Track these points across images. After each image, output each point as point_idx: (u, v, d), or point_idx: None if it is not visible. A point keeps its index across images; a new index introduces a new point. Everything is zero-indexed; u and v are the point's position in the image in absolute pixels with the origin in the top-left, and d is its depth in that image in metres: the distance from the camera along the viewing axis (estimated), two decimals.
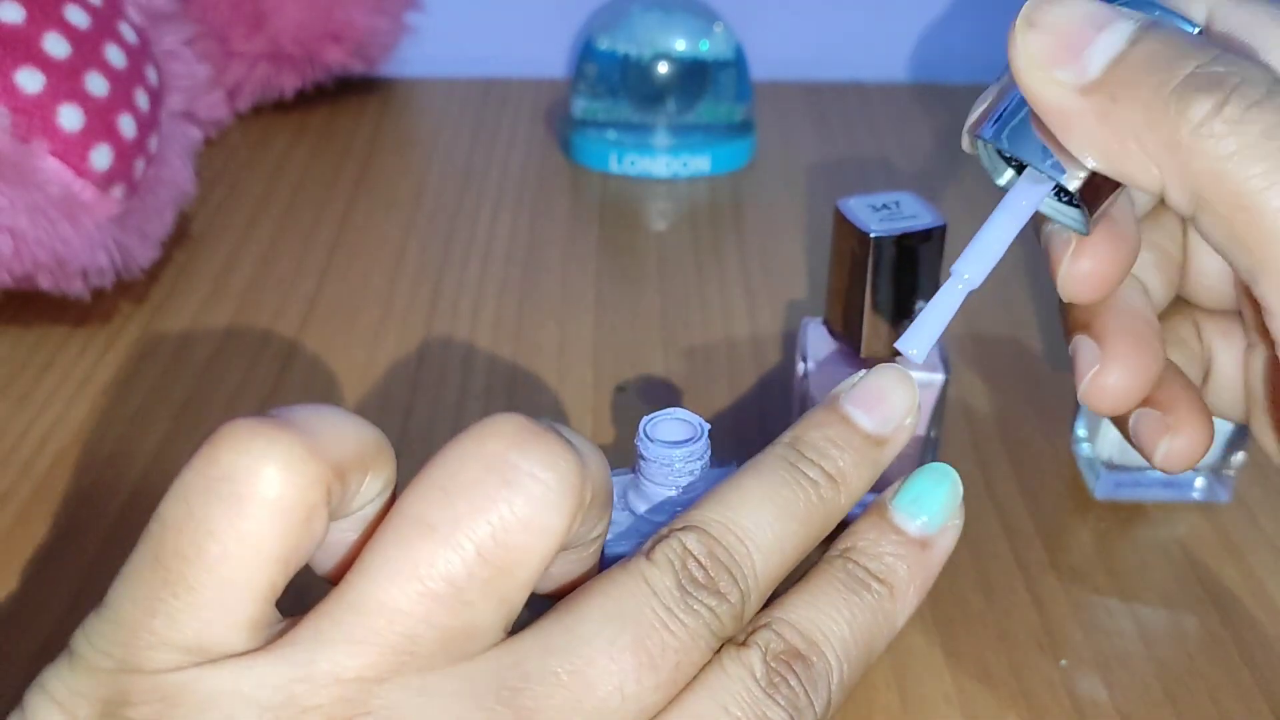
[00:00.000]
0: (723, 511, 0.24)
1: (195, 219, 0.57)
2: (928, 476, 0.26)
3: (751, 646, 0.23)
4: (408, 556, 0.21)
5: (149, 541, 0.21)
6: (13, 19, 0.44)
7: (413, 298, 0.51)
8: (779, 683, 0.22)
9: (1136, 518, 0.40)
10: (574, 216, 0.59)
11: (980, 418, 0.44)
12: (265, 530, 0.21)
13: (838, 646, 0.24)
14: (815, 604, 0.24)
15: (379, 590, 0.21)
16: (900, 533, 0.25)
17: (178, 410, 0.44)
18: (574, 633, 0.22)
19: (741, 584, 0.23)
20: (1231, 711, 0.33)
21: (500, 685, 0.21)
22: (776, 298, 0.52)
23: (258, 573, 0.21)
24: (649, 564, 0.22)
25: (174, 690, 0.20)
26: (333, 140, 0.66)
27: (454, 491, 0.21)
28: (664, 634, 0.22)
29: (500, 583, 0.21)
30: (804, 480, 0.24)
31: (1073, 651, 0.35)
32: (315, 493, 0.21)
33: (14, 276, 0.44)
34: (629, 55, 0.61)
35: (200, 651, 0.20)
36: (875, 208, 0.35)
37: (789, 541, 0.24)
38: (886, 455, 0.26)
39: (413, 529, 0.21)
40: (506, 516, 0.21)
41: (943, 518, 0.26)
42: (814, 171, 0.63)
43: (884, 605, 0.25)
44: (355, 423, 0.22)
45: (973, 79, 0.74)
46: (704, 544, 0.23)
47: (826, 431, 0.25)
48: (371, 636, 0.20)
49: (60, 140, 0.44)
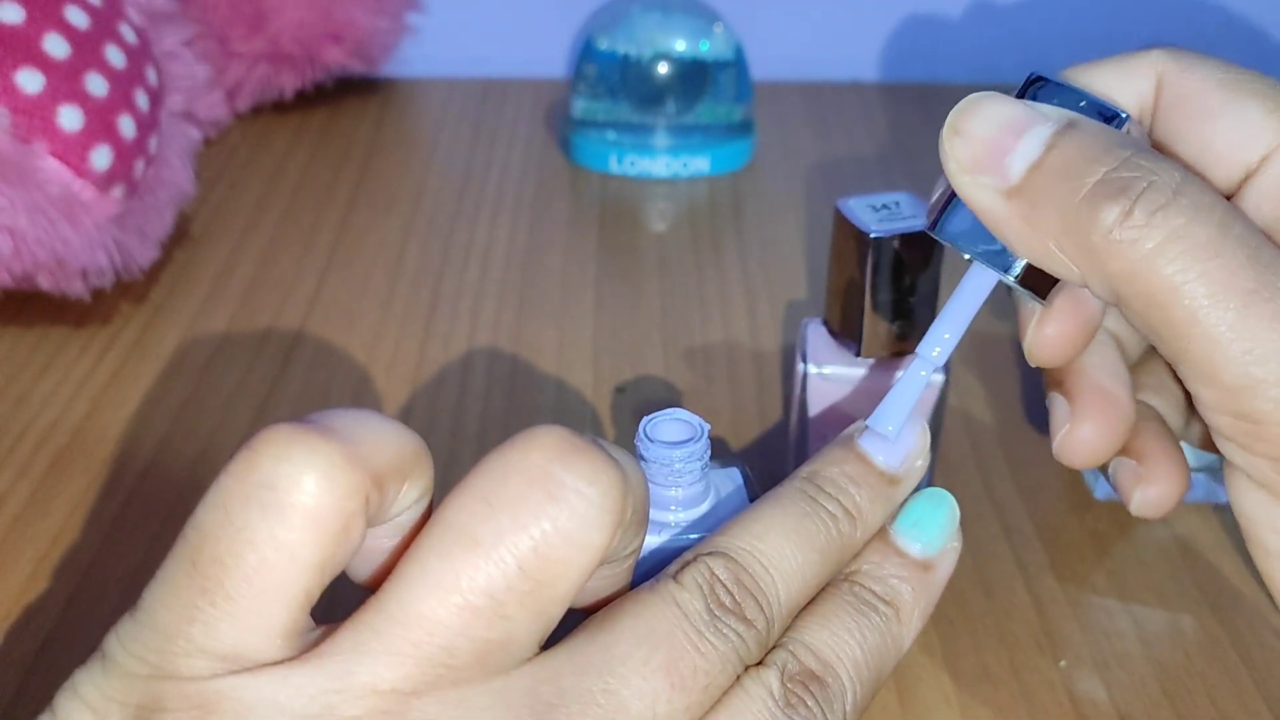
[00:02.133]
0: (748, 540, 0.24)
1: (195, 219, 0.57)
2: (926, 501, 0.27)
3: (770, 666, 0.23)
4: (449, 568, 0.21)
5: (186, 547, 0.21)
6: (13, 19, 0.44)
7: (412, 298, 0.51)
8: (796, 703, 0.23)
9: (1136, 518, 0.40)
10: (574, 217, 0.59)
11: (979, 418, 0.44)
12: (303, 539, 0.21)
13: (850, 668, 0.24)
14: (828, 626, 0.25)
15: (418, 601, 0.21)
16: (903, 555, 0.26)
17: (177, 410, 0.44)
18: (610, 651, 0.22)
19: (767, 611, 0.23)
20: (1230, 711, 0.33)
21: (535, 700, 0.21)
22: (776, 298, 0.52)
23: (295, 581, 0.21)
24: (678, 587, 0.23)
25: (210, 698, 0.20)
26: (333, 140, 0.66)
27: (497, 504, 0.21)
28: (695, 656, 0.22)
29: (539, 597, 0.21)
30: (824, 514, 0.25)
31: (1072, 651, 0.35)
32: (354, 502, 0.21)
33: (14, 276, 0.44)
34: (629, 55, 0.61)
35: (236, 660, 0.20)
36: (875, 208, 0.35)
37: (810, 570, 0.25)
38: (900, 493, 0.27)
39: (455, 541, 0.21)
40: (549, 531, 0.21)
41: (942, 540, 0.27)
42: (814, 171, 0.63)
43: (891, 627, 0.25)
44: (395, 429, 0.22)
45: (973, 79, 0.74)
46: (731, 570, 0.23)
47: (845, 468, 0.26)
48: (409, 648, 0.20)
49: (60, 140, 0.44)
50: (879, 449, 0.27)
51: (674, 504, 0.30)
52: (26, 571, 0.37)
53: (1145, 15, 0.75)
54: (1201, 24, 0.76)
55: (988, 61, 0.75)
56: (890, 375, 0.37)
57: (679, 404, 0.43)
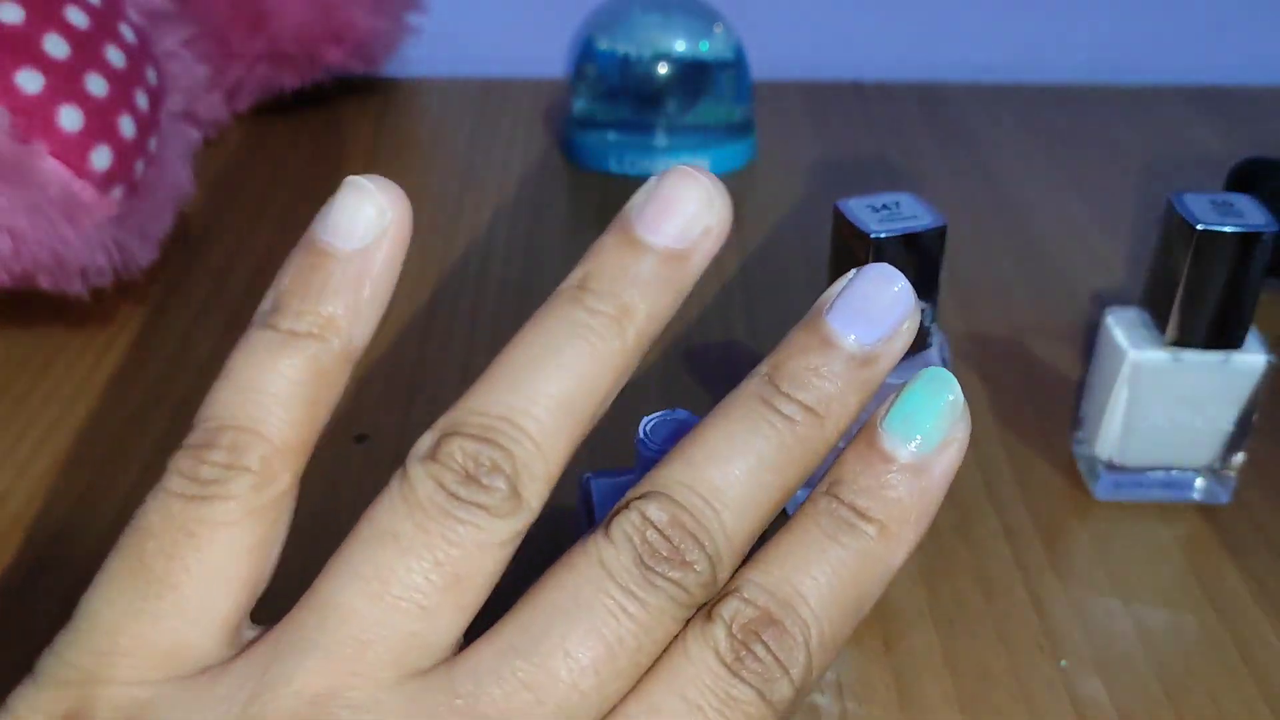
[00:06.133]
0: (687, 471, 0.22)
1: (195, 219, 0.57)
2: (920, 388, 0.23)
3: (716, 620, 0.21)
4: (370, 562, 0.21)
5: (129, 546, 0.22)
6: (13, 19, 0.44)
7: (412, 297, 0.51)
8: (745, 657, 0.21)
9: (1136, 518, 0.40)
10: (574, 217, 0.59)
11: (980, 418, 0.44)
12: (240, 526, 0.21)
13: (814, 603, 0.22)
14: (791, 557, 0.22)
15: (339, 594, 0.21)
16: (891, 460, 0.22)
17: (176, 410, 0.44)
18: (528, 631, 0.21)
19: (710, 548, 0.21)
20: (1231, 711, 0.33)
21: (454, 693, 0.21)
22: (777, 298, 0.52)
23: (237, 567, 0.21)
24: (606, 542, 0.21)
25: (136, 707, 0.20)
26: (333, 140, 0.66)
27: (415, 504, 0.21)
28: (621, 619, 0.21)
29: (457, 591, 0.21)
30: (778, 420, 0.22)
31: (1073, 651, 0.35)
32: (284, 481, 0.22)
33: (14, 276, 0.44)
34: (629, 55, 0.61)
35: (176, 658, 0.21)
36: (875, 208, 0.35)
37: (764, 492, 0.22)
38: (878, 374, 0.23)
39: (377, 538, 0.21)
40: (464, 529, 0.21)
41: (940, 434, 0.23)
42: (814, 171, 0.63)
43: (873, 547, 0.22)
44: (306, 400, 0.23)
45: (973, 79, 0.74)
46: (666, 510, 0.21)
47: (806, 358, 0.22)
48: (331, 644, 0.21)
49: (60, 140, 0.44)
50: (850, 323, 0.22)
51: None
52: (24, 572, 0.37)
53: (1145, 16, 0.75)
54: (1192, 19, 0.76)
55: (987, 62, 0.75)
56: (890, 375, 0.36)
57: (679, 404, 0.43)
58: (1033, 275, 0.53)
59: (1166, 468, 0.40)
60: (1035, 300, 0.52)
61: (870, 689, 0.33)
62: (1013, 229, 0.57)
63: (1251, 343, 0.38)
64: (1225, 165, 0.57)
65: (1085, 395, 0.41)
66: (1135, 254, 0.56)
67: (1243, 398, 0.38)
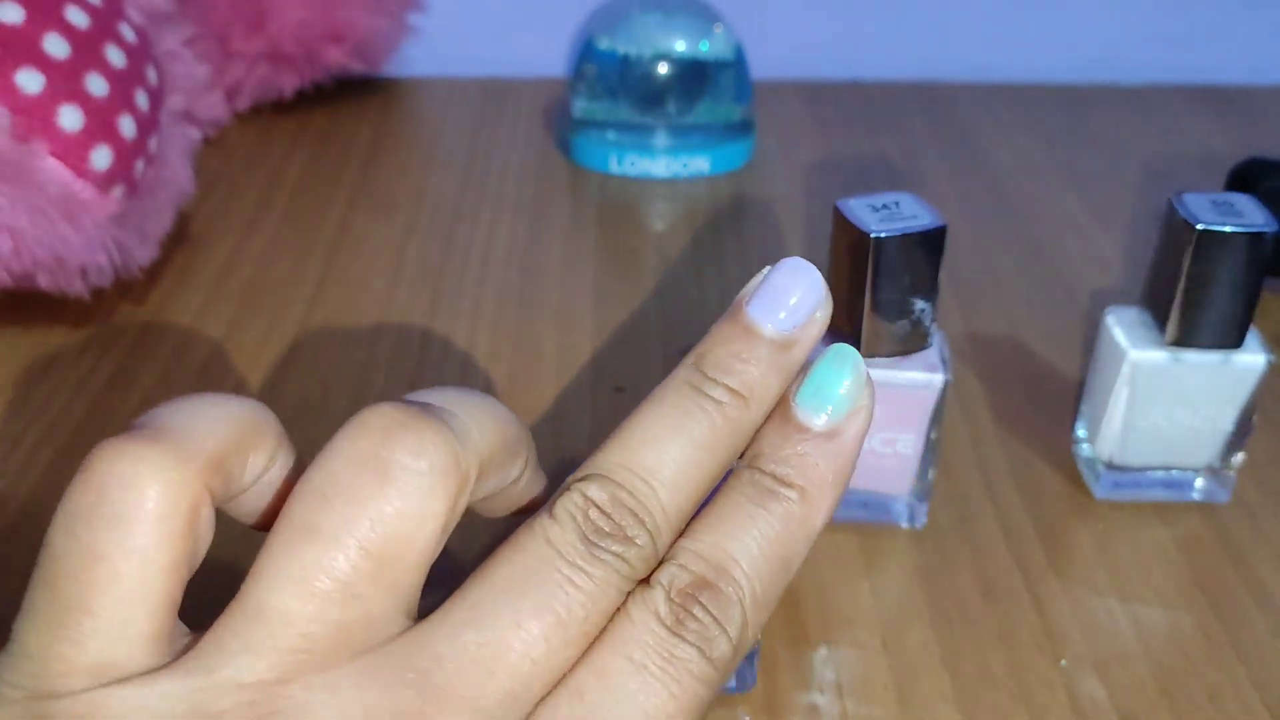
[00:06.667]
0: (624, 454, 0.23)
1: (195, 219, 0.57)
2: (827, 364, 0.25)
3: (655, 586, 0.23)
4: (295, 561, 0.21)
5: (42, 573, 0.22)
6: (13, 19, 0.44)
7: (412, 298, 0.51)
8: (685, 618, 0.22)
9: (1136, 518, 0.40)
10: (573, 217, 0.59)
11: (980, 418, 0.44)
12: (151, 543, 0.21)
13: (746, 565, 0.23)
14: (721, 525, 0.24)
15: (271, 596, 0.21)
16: (806, 431, 0.24)
17: None
18: (480, 606, 0.22)
19: (649, 523, 0.23)
20: (1230, 711, 0.33)
21: (407, 669, 0.21)
22: None
23: (152, 585, 0.21)
24: (551, 521, 0.23)
25: (84, 711, 0.21)
26: (333, 140, 0.66)
27: (332, 495, 0.22)
28: (569, 590, 0.22)
29: (388, 572, 0.22)
30: (707, 404, 0.24)
31: (1072, 651, 0.35)
32: (192, 494, 0.22)
33: (14, 276, 0.44)
34: (629, 55, 0.61)
35: (107, 672, 0.21)
36: (875, 208, 0.35)
37: (697, 470, 0.24)
38: (797, 357, 0.25)
39: (297, 534, 0.22)
40: (384, 510, 0.22)
41: (848, 404, 0.25)
42: (814, 171, 0.63)
43: (796, 510, 0.24)
44: (226, 408, 0.23)
45: (973, 79, 0.74)
46: (605, 490, 0.23)
47: (730, 346, 0.25)
48: (268, 641, 0.21)
49: (60, 140, 0.44)
50: (768, 312, 0.25)
51: None
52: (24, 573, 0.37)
53: (1145, 16, 0.75)
54: (1192, 19, 0.76)
55: (988, 61, 0.75)
56: (890, 375, 0.37)
57: None
58: (1033, 275, 0.53)
59: (1166, 468, 0.40)
60: (1035, 300, 0.52)
61: (870, 689, 0.33)
62: (1013, 229, 0.57)
63: (1251, 343, 0.38)
64: (1225, 165, 0.57)
65: (1085, 395, 0.41)
66: (1135, 254, 0.56)
67: (1243, 398, 0.38)
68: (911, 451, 0.38)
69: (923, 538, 0.39)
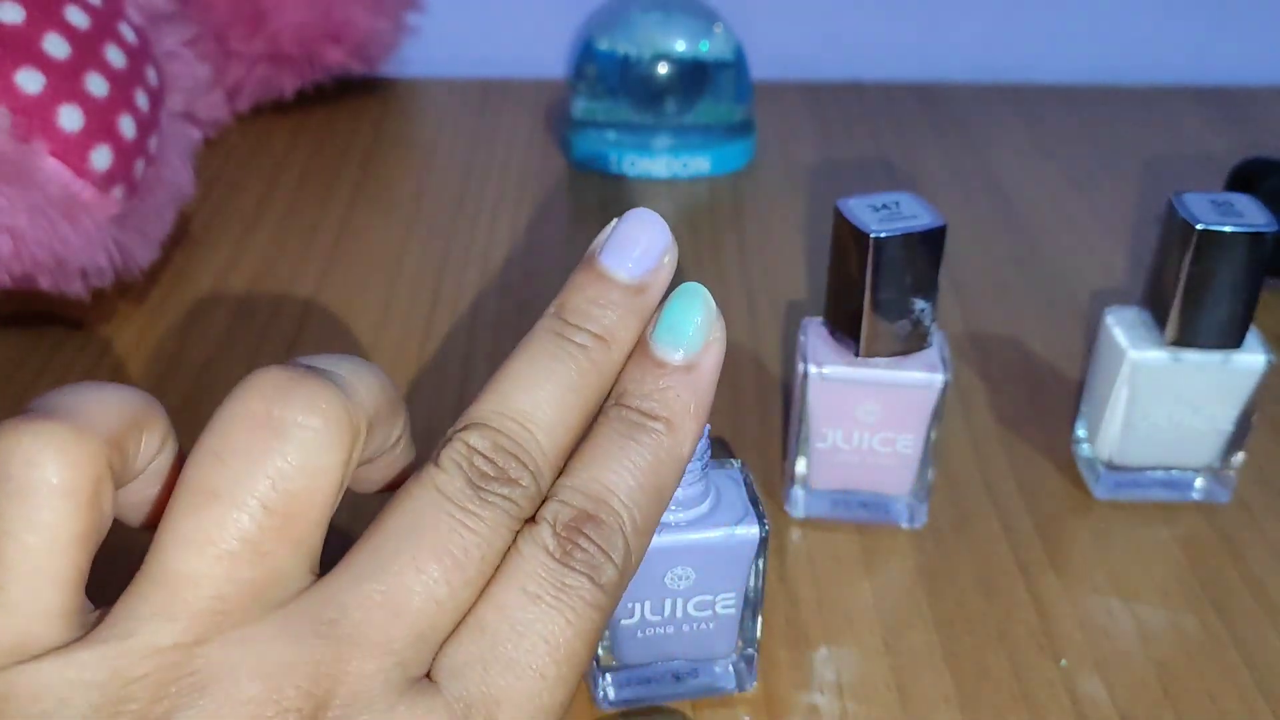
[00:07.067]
0: (499, 402, 0.24)
1: (195, 219, 0.57)
2: (679, 302, 0.26)
3: (541, 522, 0.24)
4: (198, 524, 0.22)
5: None
6: (13, 19, 0.44)
7: (412, 298, 0.51)
8: (572, 549, 0.23)
9: (1136, 518, 0.40)
10: (574, 217, 0.59)
11: (980, 418, 0.44)
12: (57, 516, 0.22)
13: (624, 496, 0.24)
14: (596, 460, 0.25)
15: (177, 561, 0.22)
16: (664, 366, 0.26)
17: (176, 410, 0.44)
18: (378, 554, 0.23)
19: (531, 465, 0.24)
20: (1231, 711, 0.33)
21: (318, 620, 0.22)
22: (776, 298, 0.52)
23: (60, 559, 0.22)
24: (438, 470, 0.23)
25: (3, 691, 0.21)
26: (333, 141, 0.66)
27: (227, 455, 0.22)
28: (462, 533, 0.23)
29: (292, 528, 0.22)
30: (572, 349, 0.25)
31: (1073, 651, 0.35)
32: (95, 468, 0.22)
33: (14, 276, 0.44)
34: (629, 56, 0.61)
35: (22, 650, 0.21)
36: (875, 208, 0.35)
37: (570, 412, 0.25)
38: (650, 300, 0.26)
39: (197, 497, 0.22)
40: (282, 466, 0.22)
41: (701, 337, 0.26)
42: (814, 171, 0.63)
43: (663, 441, 0.25)
44: (115, 391, 0.24)
45: (973, 79, 0.74)
46: (486, 437, 0.24)
47: (587, 293, 0.26)
48: (180, 605, 0.21)
49: (60, 140, 0.44)
50: (620, 259, 0.26)
51: (674, 504, 0.30)
52: None
53: (1145, 16, 0.75)
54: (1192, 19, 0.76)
55: (988, 61, 0.75)
56: (890, 375, 0.37)
57: None
58: (1033, 275, 0.53)
59: (1166, 467, 0.40)
60: (1035, 300, 0.52)
61: (870, 689, 0.33)
62: (1013, 229, 0.57)
63: (1251, 343, 0.38)
64: (1225, 165, 0.57)
65: (1085, 395, 0.41)
66: (1135, 254, 0.56)
67: (1243, 398, 0.38)
68: (911, 451, 0.38)
69: (923, 538, 0.39)
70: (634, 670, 0.33)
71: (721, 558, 0.31)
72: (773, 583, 0.37)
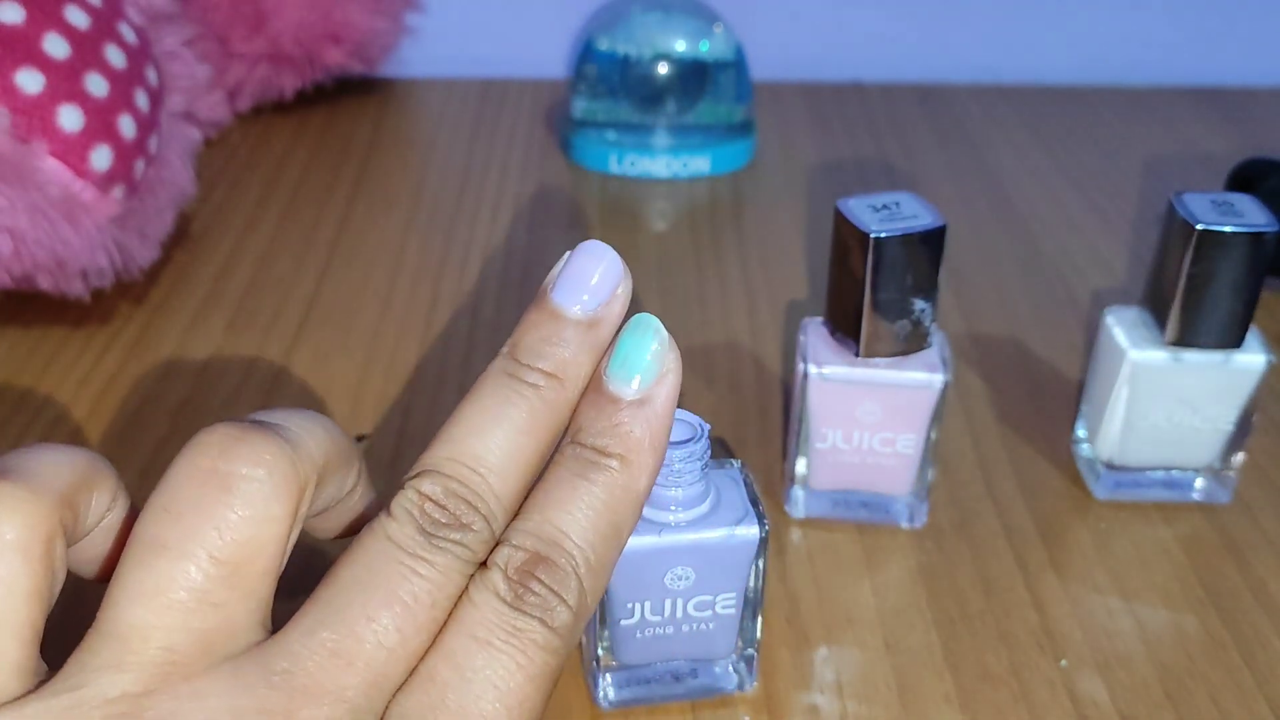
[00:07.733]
0: (451, 447, 0.24)
1: (195, 219, 0.57)
2: (631, 335, 0.26)
3: (492, 567, 0.24)
4: (148, 576, 0.22)
5: None
6: (13, 19, 0.44)
7: (412, 298, 0.51)
8: (523, 593, 0.23)
9: (1136, 518, 0.40)
10: (574, 217, 0.59)
11: (980, 418, 0.44)
12: (12, 572, 0.22)
13: (577, 536, 0.24)
14: (550, 502, 0.25)
15: (128, 613, 0.22)
16: (618, 401, 0.25)
17: (176, 411, 0.44)
18: (331, 604, 0.23)
19: (483, 509, 0.24)
20: (1231, 712, 0.33)
21: (269, 670, 0.22)
22: (776, 298, 0.52)
23: (17, 613, 0.22)
24: (390, 519, 0.24)
25: None
26: (333, 140, 0.66)
27: (176, 510, 0.22)
28: (413, 579, 0.23)
29: (240, 578, 0.22)
30: (525, 389, 0.25)
31: (1073, 651, 0.35)
32: (48, 525, 0.22)
33: (14, 276, 0.44)
34: (629, 56, 0.61)
35: None
36: (875, 208, 0.35)
37: (523, 454, 0.25)
38: (604, 334, 0.26)
39: (147, 550, 0.22)
40: (229, 517, 0.22)
41: (655, 369, 0.26)
42: (814, 171, 0.63)
43: (619, 478, 0.25)
44: (64, 452, 0.24)
45: (973, 79, 0.74)
46: (438, 483, 0.24)
47: (540, 332, 0.26)
48: (130, 657, 0.22)
49: (60, 140, 0.44)
50: (572, 295, 0.26)
51: (674, 504, 0.30)
52: None
53: (1145, 16, 0.75)
54: (1192, 19, 0.76)
55: (987, 61, 0.75)
56: (890, 375, 0.37)
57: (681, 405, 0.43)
58: (1033, 275, 0.53)
59: (1166, 468, 0.40)
60: (1035, 300, 0.52)
61: (870, 689, 0.33)
62: (1013, 229, 0.57)
63: (1251, 343, 0.38)
64: (1225, 165, 0.57)
65: (1085, 395, 0.41)
66: (1135, 254, 0.56)
67: (1243, 398, 0.38)
68: (911, 451, 0.38)
69: (923, 538, 0.39)
70: (634, 670, 0.33)
71: (721, 558, 0.31)
72: (773, 583, 0.37)
